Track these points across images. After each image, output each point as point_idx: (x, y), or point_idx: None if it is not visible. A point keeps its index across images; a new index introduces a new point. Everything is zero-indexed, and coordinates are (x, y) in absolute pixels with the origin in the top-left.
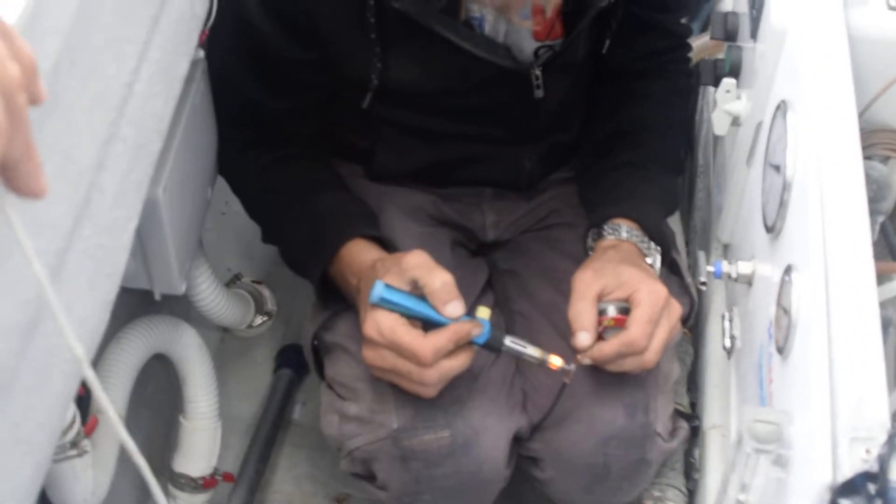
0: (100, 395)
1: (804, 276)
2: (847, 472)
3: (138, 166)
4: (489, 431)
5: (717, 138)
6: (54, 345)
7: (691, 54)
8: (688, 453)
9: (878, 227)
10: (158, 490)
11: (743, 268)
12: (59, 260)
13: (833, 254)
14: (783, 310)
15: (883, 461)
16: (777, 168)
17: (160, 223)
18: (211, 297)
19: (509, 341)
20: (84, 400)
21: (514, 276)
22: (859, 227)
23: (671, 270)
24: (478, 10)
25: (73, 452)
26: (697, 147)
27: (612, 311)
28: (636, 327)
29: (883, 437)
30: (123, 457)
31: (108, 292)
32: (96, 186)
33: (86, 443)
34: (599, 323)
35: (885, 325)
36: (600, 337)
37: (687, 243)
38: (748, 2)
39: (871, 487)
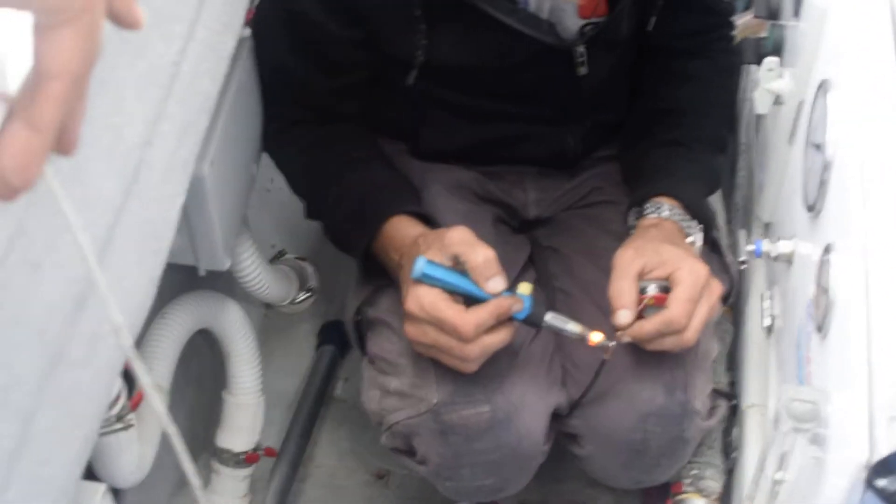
0: (138, 368)
1: (843, 256)
2: (883, 450)
3: (185, 144)
4: (528, 407)
5: (759, 117)
6: (102, 319)
7: (735, 32)
8: (726, 432)
9: None
10: (189, 462)
11: (783, 247)
12: (108, 235)
13: (872, 234)
14: (822, 289)
15: None
16: (818, 147)
17: (205, 200)
18: (255, 273)
19: (550, 317)
20: (131, 374)
21: (555, 253)
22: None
23: (712, 248)
24: None
25: (119, 426)
26: (740, 125)
27: (652, 290)
28: (676, 306)
29: None
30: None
31: (154, 268)
32: (145, 163)
33: (131, 416)
34: (640, 301)
35: None
36: (640, 315)
37: (729, 221)
38: None
39: None
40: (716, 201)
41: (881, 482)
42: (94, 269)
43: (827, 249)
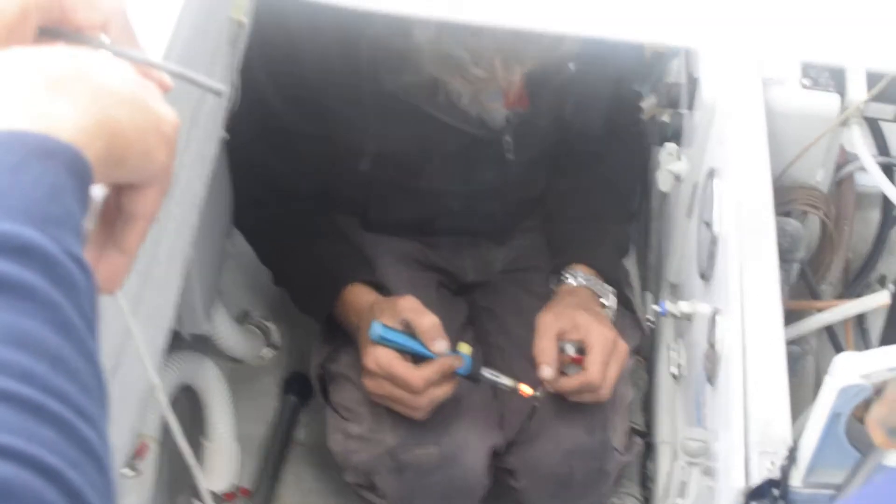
0: (172, 423)
1: (727, 318)
2: (757, 479)
3: (182, 236)
4: (471, 447)
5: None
6: (128, 380)
7: (643, 115)
8: (643, 466)
9: (796, 272)
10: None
11: (684, 307)
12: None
13: (748, 299)
14: (711, 345)
15: (784, 470)
16: (708, 224)
17: (190, 276)
18: (227, 334)
19: (486, 373)
20: None
21: (490, 314)
22: (770, 276)
23: (625, 307)
24: (456, 86)
25: (131, 473)
26: (651, 195)
27: (570, 351)
28: (592, 369)
29: (785, 452)
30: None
31: (160, 337)
32: (155, 258)
33: (137, 464)
34: (560, 358)
35: (800, 356)
36: (561, 370)
37: (643, 280)
38: (686, 75)
39: (775, 492)
40: (631, 264)
41: None
42: (141, 347)
43: (715, 311)
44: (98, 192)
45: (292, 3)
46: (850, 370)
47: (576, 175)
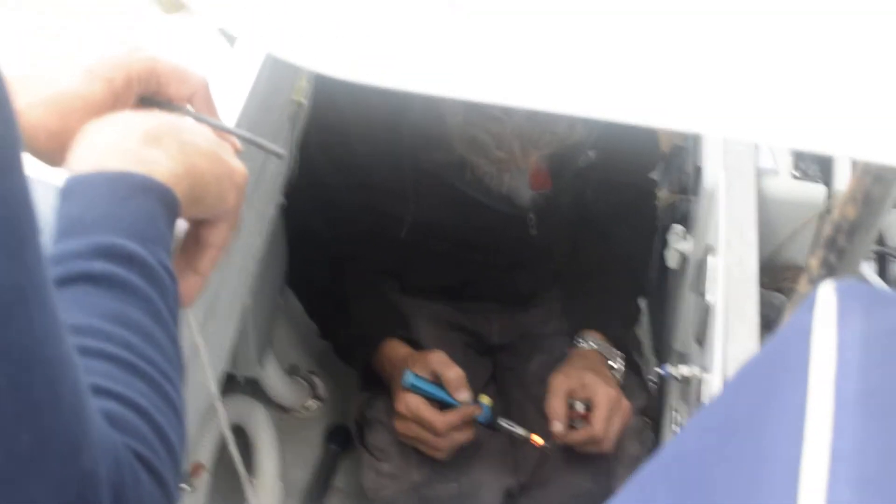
0: (230, 441)
1: (712, 377)
2: None
3: (243, 283)
4: (487, 486)
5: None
6: (189, 398)
7: (658, 201)
8: None
9: None
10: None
11: (683, 370)
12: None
13: (730, 361)
14: (701, 403)
15: None
16: (702, 294)
17: (246, 324)
18: (276, 382)
19: (503, 422)
20: None
21: (511, 372)
22: (751, 342)
23: (634, 371)
24: (482, 166)
25: (187, 488)
26: (663, 271)
27: (579, 407)
28: (596, 425)
29: None
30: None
31: (219, 366)
32: (217, 298)
33: (193, 481)
34: (569, 414)
35: None
36: (571, 425)
37: (655, 349)
38: (692, 166)
39: None
40: (644, 333)
41: None
42: (210, 381)
43: (703, 372)
44: (181, 226)
45: (344, 91)
46: None
47: (593, 251)
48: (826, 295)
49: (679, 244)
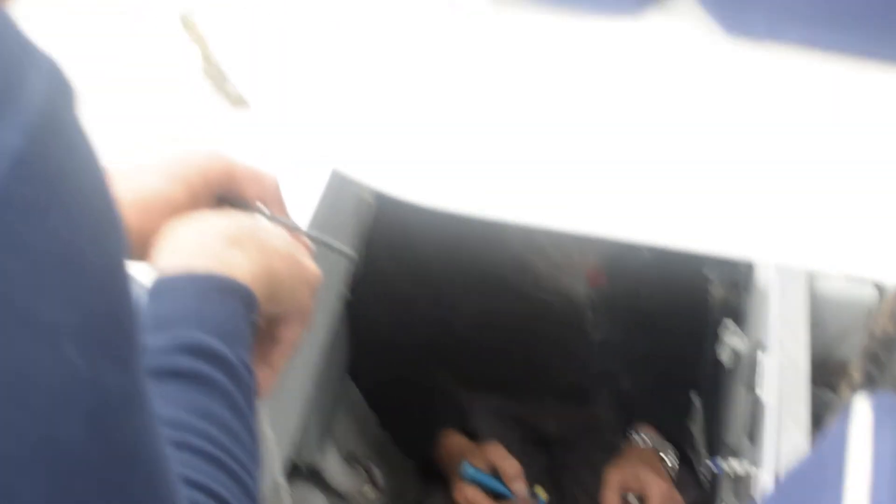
0: None
1: (763, 474)
2: None
3: (306, 377)
4: None
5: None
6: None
7: (710, 297)
8: None
9: None
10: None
11: (735, 466)
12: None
13: (782, 460)
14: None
15: None
16: (753, 390)
17: (308, 409)
18: (335, 469)
19: None
20: None
21: (566, 464)
22: (803, 439)
23: (687, 465)
24: (540, 265)
25: None
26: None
27: (632, 501)
28: None
29: None
30: None
31: (283, 451)
32: (283, 388)
33: None
34: None
35: None
36: None
37: (709, 444)
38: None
39: None
40: (697, 428)
41: None
42: (276, 469)
43: (756, 469)
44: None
45: None
46: None
47: (647, 345)
48: (862, 408)
49: (731, 340)
